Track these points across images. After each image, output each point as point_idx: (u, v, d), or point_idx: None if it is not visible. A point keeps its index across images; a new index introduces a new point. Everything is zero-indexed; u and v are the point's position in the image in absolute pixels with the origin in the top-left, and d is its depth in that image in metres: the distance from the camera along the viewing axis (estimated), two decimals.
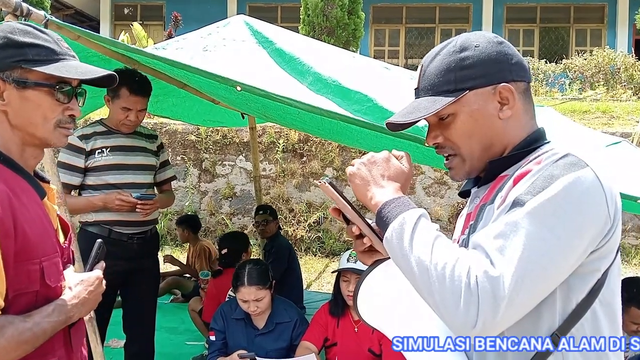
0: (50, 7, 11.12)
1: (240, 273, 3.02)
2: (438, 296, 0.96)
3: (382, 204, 1.08)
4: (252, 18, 3.08)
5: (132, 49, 2.41)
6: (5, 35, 1.25)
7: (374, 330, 2.84)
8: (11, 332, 1.14)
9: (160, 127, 7.82)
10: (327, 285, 5.95)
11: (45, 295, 1.25)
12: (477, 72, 1.12)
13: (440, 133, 1.18)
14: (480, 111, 1.13)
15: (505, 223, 0.98)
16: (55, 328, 1.23)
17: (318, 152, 7.76)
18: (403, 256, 1.01)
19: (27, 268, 1.20)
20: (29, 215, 1.23)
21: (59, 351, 1.29)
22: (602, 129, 7.44)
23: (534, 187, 0.99)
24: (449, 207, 7.48)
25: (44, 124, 1.28)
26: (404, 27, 15.46)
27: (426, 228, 1.02)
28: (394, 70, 2.89)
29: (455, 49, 1.15)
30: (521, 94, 1.15)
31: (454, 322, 0.95)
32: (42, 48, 1.26)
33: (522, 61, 1.17)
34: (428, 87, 1.16)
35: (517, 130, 1.15)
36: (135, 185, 2.87)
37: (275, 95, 2.09)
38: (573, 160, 1.01)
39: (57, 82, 1.27)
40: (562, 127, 2.95)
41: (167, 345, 3.88)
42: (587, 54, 12.10)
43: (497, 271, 0.94)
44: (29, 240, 1.20)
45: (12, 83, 1.24)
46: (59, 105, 1.29)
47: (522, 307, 0.96)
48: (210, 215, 7.84)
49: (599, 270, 1.03)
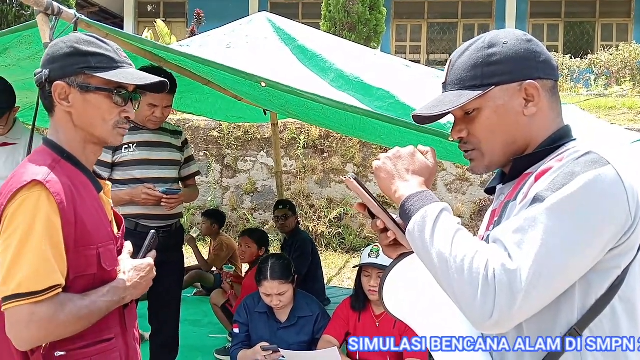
0: (76, 5, 11.30)
1: (263, 267, 3.06)
2: (457, 287, 0.98)
3: (405, 197, 1.11)
4: (275, 15, 3.11)
5: (159, 47, 2.47)
6: (72, 45, 1.39)
7: (395, 324, 2.87)
8: (70, 307, 1.29)
9: (184, 123, 7.92)
10: (348, 281, 5.97)
11: (102, 278, 1.39)
12: (503, 68, 1.14)
13: (465, 127, 1.20)
14: (505, 107, 1.14)
15: (524, 218, 1.00)
16: (109, 307, 1.38)
17: (339, 148, 7.77)
18: (424, 248, 1.04)
19: (86, 253, 1.35)
20: (87, 206, 1.38)
21: (114, 329, 1.44)
22: (628, 125, 7.32)
23: (555, 184, 1.00)
24: (470, 204, 7.43)
25: (103, 125, 1.42)
26: (426, 23, 15.35)
27: (448, 221, 1.04)
28: (415, 68, 2.89)
29: (483, 45, 1.17)
30: (547, 91, 1.16)
31: (471, 313, 0.97)
32: (103, 57, 1.40)
33: (550, 59, 1.17)
34: (455, 82, 1.18)
35: (542, 127, 1.16)
36: (161, 180, 2.93)
37: (300, 91, 2.12)
38: (594, 157, 1.02)
39: (115, 87, 1.41)
40: (586, 124, 2.93)
41: (191, 338, 3.94)
42: (613, 49, 11.88)
43: (515, 264, 0.95)
44: (87, 229, 1.35)
45: (77, 87, 1.39)
46: (117, 107, 1.42)
47: (539, 301, 0.97)
48: (232, 210, 7.92)
49: (619, 267, 1.04)
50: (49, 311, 1.26)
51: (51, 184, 1.29)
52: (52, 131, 1.45)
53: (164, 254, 3.02)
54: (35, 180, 1.28)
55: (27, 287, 1.24)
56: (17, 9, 9.80)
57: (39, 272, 1.25)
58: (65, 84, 1.38)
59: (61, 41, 1.42)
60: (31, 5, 2.11)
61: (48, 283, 1.26)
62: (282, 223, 4.79)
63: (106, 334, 1.41)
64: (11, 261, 1.25)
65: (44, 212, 1.27)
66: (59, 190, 1.30)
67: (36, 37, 2.37)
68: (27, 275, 1.24)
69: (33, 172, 1.31)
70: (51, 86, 1.39)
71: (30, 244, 1.25)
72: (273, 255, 3.33)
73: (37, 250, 1.25)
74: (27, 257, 1.25)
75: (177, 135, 3.13)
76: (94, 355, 1.37)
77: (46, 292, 1.25)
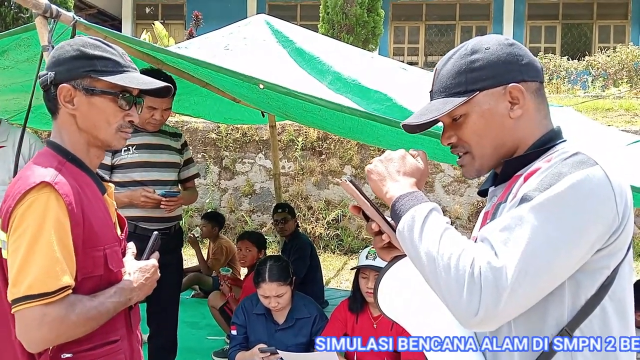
0: (74, 7, 11.31)
1: (261, 269, 3.07)
2: (444, 285, 0.99)
3: (396, 198, 1.13)
4: (273, 17, 3.12)
5: (157, 49, 2.47)
6: (78, 48, 1.40)
7: (392, 326, 2.88)
8: (80, 308, 1.30)
9: (182, 125, 7.92)
10: (346, 283, 5.98)
11: (108, 279, 1.41)
12: (486, 73, 1.16)
13: (454, 133, 1.23)
14: (490, 111, 1.16)
15: (511, 217, 1.01)
16: (116, 308, 1.40)
17: (337, 150, 7.79)
18: (413, 247, 1.05)
19: (93, 254, 1.37)
20: (94, 208, 1.40)
21: (120, 330, 1.46)
22: (625, 127, 7.34)
23: (542, 184, 1.02)
24: (468, 206, 7.45)
25: (107, 128, 1.43)
26: (424, 25, 15.38)
27: (436, 221, 1.06)
28: (412, 70, 2.91)
29: (466, 52, 1.19)
30: (532, 93, 1.17)
31: (458, 310, 0.98)
32: (109, 60, 1.41)
33: (533, 62, 1.19)
34: (441, 90, 1.21)
35: (530, 129, 1.18)
36: (160, 183, 2.94)
37: (298, 93, 2.13)
38: (582, 158, 1.03)
39: (120, 91, 1.42)
40: (581, 126, 2.94)
41: (189, 340, 3.94)
42: (610, 50, 11.92)
43: (501, 262, 0.97)
44: (94, 230, 1.37)
45: (82, 90, 1.40)
46: (121, 111, 1.44)
47: (525, 299, 0.98)
48: (230, 212, 7.92)
49: (608, 268, 1.05)
50: (60, 312, 1.27)
51: (60, 185, 1.31)
52: (55, 133, 1.45)
53: (163, 256, 2.97)
54: (44, 182, 1.29)
55: (38, 288, 1.24)
56: (15, 11, 9.80)
57: (50, 273, 1.25)
58: (71, 87, 1.39)
59: (67, 44, 1.43)
60: (29, 7, 2.11)
61: (59, 284, 1.26)
62: (282, 227, 4.80)
63: (112, 335, 1.43)
64: (21, 263, 1.26)
65: (53, 214, 1.28)
66: (67, 191, 1.31)
67: (34, 39, 2.37)
68: (38, 277, 1.25)
69: (41, 173, 1.32)
70: (56, 89, 1.40)
71: (40, 245, 1.26)
72: (271, 257, 3.33)
73: (47, 251, 1.26)
74: (37, 258, 1.25)
75: (176, 137, 3.14)
76: (101, 357, 1.39)
77: (57, 293, 1.26)
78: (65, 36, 2.20)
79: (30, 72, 2.77)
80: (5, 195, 1.35)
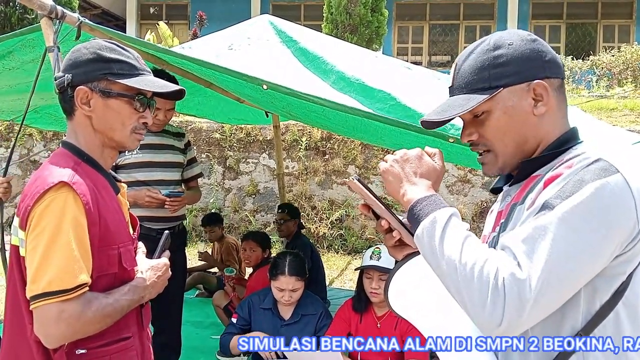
0: (78, 7, 11.34)
1: (280, 262, 3.10)
2: (466, 294, 0.99)
3: (414, 202, 1.11)
4: (276, 17, 3.12)
5: (162, 50, 2.48)
6: (95, 51, 1.43)
7: (396, 326, 2.88)
8: (96, 305, 1.34)
9: (186, 125, 7.94)
10: (349, 282, 5.98)
11: (122, 277, 1.45)
12: (510, 69, 1.14)
13: (475, 130, 1.20)
14: (514, 108, 1.15)
15: (533, 227, 1.00)
16: (130, 306, 1.44)
17: (340, 150, 7.78)
18: (433, 254, 1.04)
19: (108, 253, 1.41)
20: (109, 207, 1.43)
21: (132, 327, 1.50)
22: (630, 126, 7.32)
23: (564, 192, 1.01)
24: (472, 206, 7.43)
25: (122, 129, 1.47)
26: (428, 24, 15.36)
27: (457, 227, 1.05)
28: (416, 70, 2.91)
29: (489, 47, 1.17)
30: (555, 90, 1.16)
31: (480, 319, 0.98)
32: (125, 63, 1.45)
33: (555, 58, 1.18)
34: (462, 85, 1.18)
35: (551, 127, 1.16)
36: (164, 183, 2.95)
37: (302, 93, 2.14)
38: (604, 165, 1.02)
39: (136, 93, 1.45)
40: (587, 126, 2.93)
41: (193, 339, 3.95)
42: (614, 50, 11.87)
43: (524, 274, 0.96)
44: (109, 229, 1.41)
45: (98, 92, 1.43)
46: (136, 113, 1.47)
47: (547, 308, 0.99)
48: (234, 212, 7.93)
49: (624, 273, 1.05)
50: (77, 309, 1.30)
51: (77, 185, 1.34)
52: (70, 134, 1.48)
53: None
54: (62, 182, 1.32)
55: (57, 285, 1.28)
56: (20, 11, 9.84)
57: (68, 270, 1.29)
58: (88, 89, 1.42)
59: (84, 47, 1.45)
60: (35, 8, 2.12)
61: (77, 281, 1.29)
62: (280, 227, 4.81)
63: (125, 332, 1.46)
64: (40, 260, 1.29)
65: (71, 213, 1.31)
66: (84, 191, 1.35)
67: (39, 40, 2.38)
68: (56, 274, 1.28)
69: (59, 173, 1.35)
70: (73, 90, 1.42)
71: (58, 243, 1.29)
72: (289, 252, 3.37)
73: (65, 249, 1.29)
74: (56, 256, 1.29)
75: (179, 137, 3.15)
76: (114, 354, 1.42)
77: (75, 290, 1.29)
78: (71, 37, 2.21)
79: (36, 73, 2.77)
80: (23, 195, 1.38)
